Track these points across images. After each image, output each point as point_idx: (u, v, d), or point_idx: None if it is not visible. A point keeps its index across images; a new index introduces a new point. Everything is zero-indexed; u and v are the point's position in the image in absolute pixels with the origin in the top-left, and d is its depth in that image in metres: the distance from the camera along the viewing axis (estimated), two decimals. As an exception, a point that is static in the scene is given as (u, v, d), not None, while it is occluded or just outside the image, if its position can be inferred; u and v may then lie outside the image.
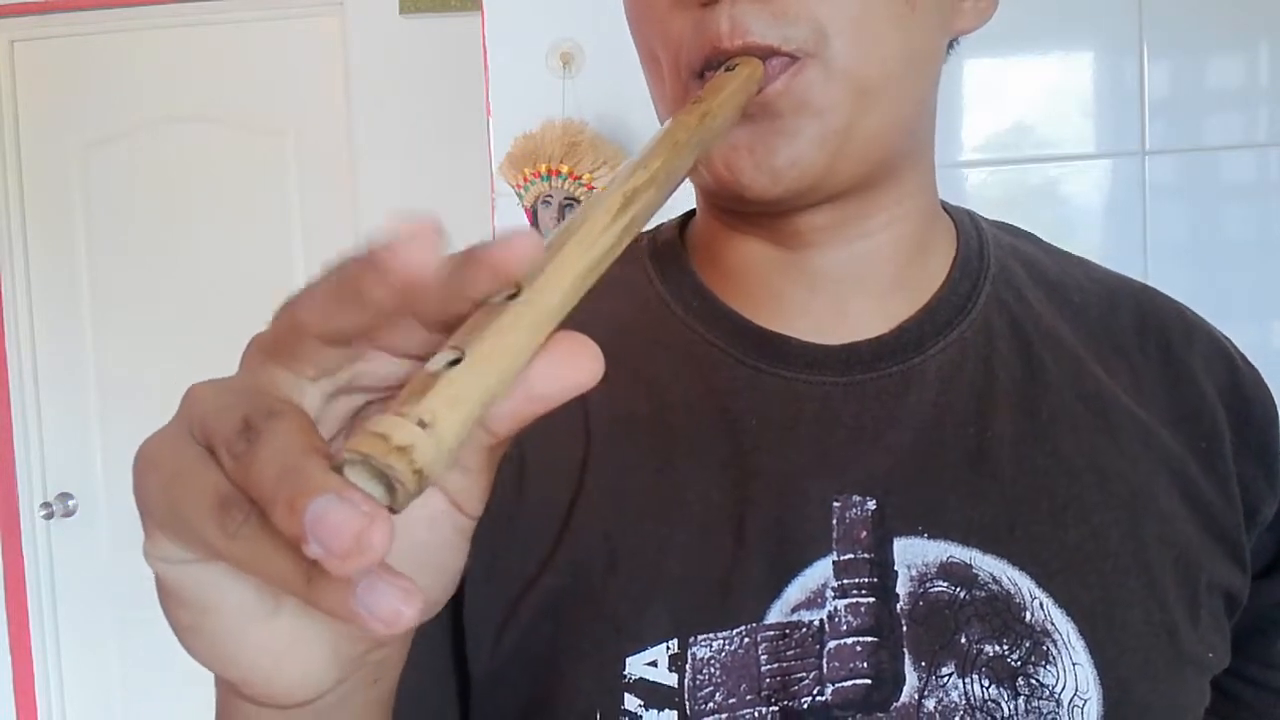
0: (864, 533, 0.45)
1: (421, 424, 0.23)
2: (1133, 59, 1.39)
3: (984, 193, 1.43)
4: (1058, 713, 0.43)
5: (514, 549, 0.47)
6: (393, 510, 0.22)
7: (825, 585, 0.45)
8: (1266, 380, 0.54)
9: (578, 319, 0.51)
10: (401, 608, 0.23)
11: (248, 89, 2.27)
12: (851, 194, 0.47)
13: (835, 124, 0.44)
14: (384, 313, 0.24)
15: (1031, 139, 1.42)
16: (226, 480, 0.25)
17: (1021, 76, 1.41)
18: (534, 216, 1.38)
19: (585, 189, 1.35)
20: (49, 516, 2.34)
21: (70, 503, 2.37)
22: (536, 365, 0.25)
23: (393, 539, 0.21)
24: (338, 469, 0.22)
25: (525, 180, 1.37)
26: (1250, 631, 0.52)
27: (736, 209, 0.49)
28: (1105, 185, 1.41)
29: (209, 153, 2.29)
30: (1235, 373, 0.52)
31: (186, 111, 2.29)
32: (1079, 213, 1.41)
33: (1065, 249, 0.58)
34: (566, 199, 1.35)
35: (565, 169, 1.34)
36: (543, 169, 1.35)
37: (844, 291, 0.50)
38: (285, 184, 2.28)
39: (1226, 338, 0.55)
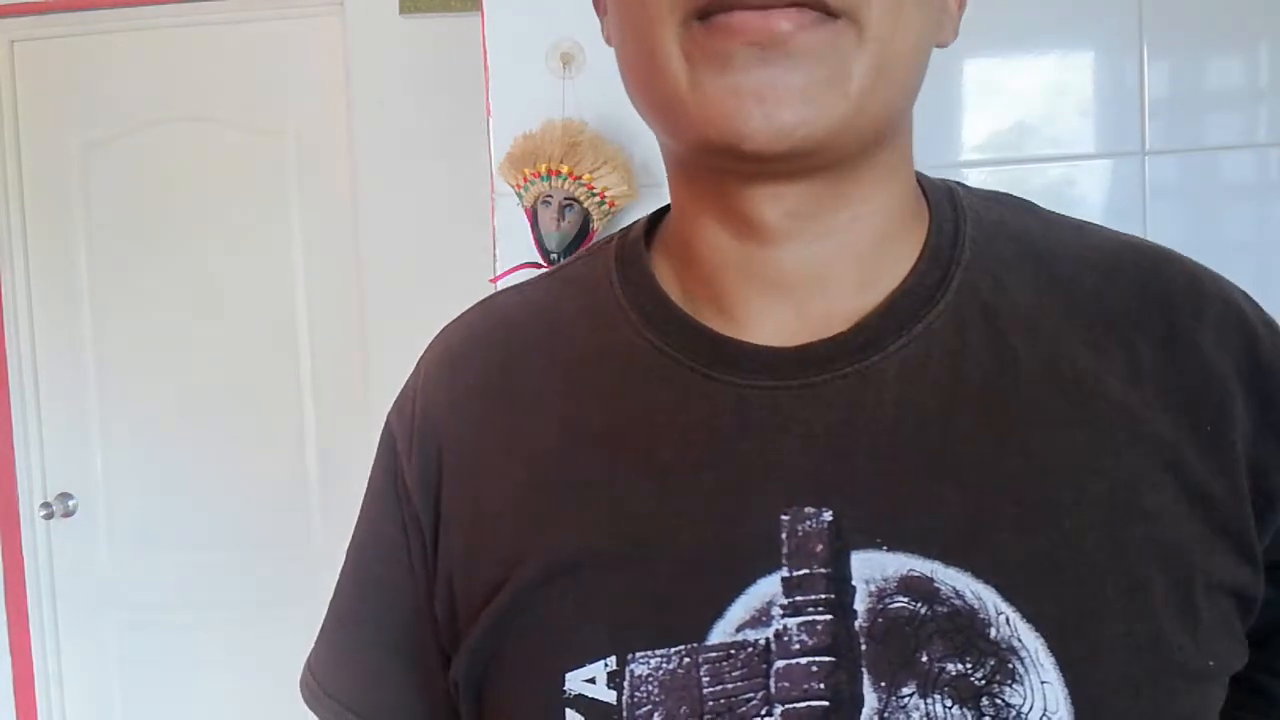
0: (819, 546, 0.43)
1: None
2: (1133, 59, 1.39)
3: (984, 193, 1.43)
4: None
5: (468, 572, 0.49)
6: None
7: (772, 602, 0.43)
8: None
9: (544, 318, 0.51)
10: None
11: (248, 89, 2.27)
12: (833, 171, 0.45)
13: (854, 91, 0.42)
14: None
15: (1031, 139, 1.42)
16: None
17: (1021, 76, 1.41)
18: (534, 216, 1.38)
19: (585, 189, 1.35)
20: (49, 516, 2.34)
21: (70, 503, 2.37)
22: None
23: None
24: None
25: (525, 180, 1.37)
26: (1278, 625, 0.49)
27: (719, 166, 0.45)
28: (1105, 185, 1.41)
29: (209, 153, 2.29)
30: (1254, 343, 0.47)
31: (187, 111, 2.29)
32: (1079, 213, 1.40)
33: (1068, 215, 0.55)
34: (566, 199, 1.35)
35: (565, 169, 1.34)
36: (543, 169, 1.34)
37: (806, 291, 0.48)
38: (285, 184, 2.28)
39: (1250, 302, 0.49)
